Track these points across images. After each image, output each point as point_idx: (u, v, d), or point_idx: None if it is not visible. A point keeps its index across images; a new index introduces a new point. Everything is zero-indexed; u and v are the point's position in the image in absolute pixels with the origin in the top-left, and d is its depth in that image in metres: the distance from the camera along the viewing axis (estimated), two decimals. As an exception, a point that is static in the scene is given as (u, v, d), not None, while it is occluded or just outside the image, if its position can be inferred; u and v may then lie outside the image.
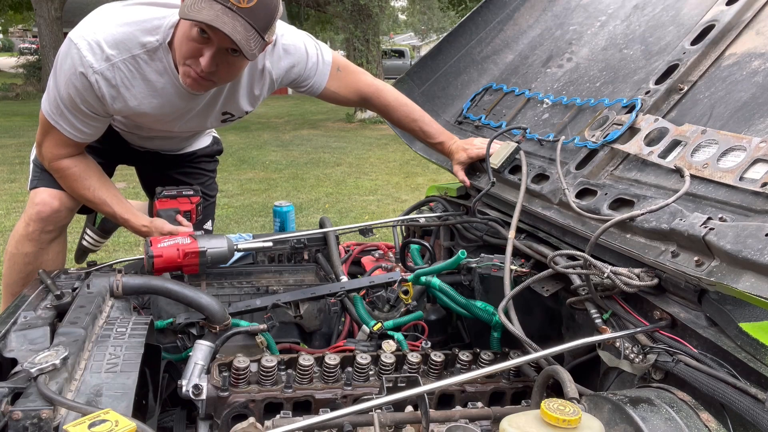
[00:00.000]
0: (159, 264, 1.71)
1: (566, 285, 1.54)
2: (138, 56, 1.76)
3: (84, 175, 1.96)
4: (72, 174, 1.95)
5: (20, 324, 1.37)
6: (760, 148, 1.27)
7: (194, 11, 1.56)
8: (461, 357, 1.54)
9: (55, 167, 1.94)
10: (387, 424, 1.22)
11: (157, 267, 1.72)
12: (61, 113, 1.83)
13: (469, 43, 2.47)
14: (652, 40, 1.88)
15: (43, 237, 2.04)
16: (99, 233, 2.66)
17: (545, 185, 1.72)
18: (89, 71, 1.72)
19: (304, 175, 8.58)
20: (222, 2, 1.56)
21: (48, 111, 1.85)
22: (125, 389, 1.14)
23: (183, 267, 1.75)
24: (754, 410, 0.99)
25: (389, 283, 1.86)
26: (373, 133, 13.02)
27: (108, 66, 1.73)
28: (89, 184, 1.96)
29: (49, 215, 2.02)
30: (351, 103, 2.18)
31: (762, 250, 1.06)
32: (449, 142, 2.13)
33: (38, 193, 2.04)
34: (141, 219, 1.99)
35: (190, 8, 1.57)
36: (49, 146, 1.91)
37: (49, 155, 1.92)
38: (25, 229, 2.04)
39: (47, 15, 17.11)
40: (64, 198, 2.04)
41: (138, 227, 1.99)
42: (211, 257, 1.76)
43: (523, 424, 0.97)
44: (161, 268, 1.73)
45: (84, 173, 1.96)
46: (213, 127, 2.28)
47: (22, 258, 2.07)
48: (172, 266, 1.73)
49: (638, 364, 1.25)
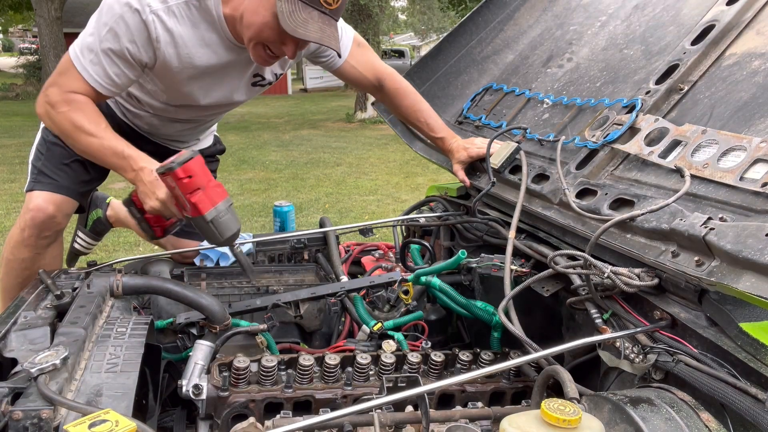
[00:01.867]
0: (184, 180, 1.46)
1: (566, 285, 1.54)
2: (191, 3, 1.74)
3: (88, 109, 1.75)
4: (81, 105, 1.75)
5: (20, 324, 1.37)
6: (760, 148, 1.27)
7: (300, 25, 1.62)
8: (461, 357, 1.54)
9: (62, 101, 1.74)
10: (387, 424, 1.22)
11: (182, 181, 1.47)
12: (95, 57, 1.72)
13: (469, 43, 2.47)
14: (653, 40, 1.88)
15: (39, 242, 2.00)
16: (91, 235, 2.61)
17: (545, 185, 1.72)
18: (146, 10, 1.67)
19: (304, 175, 8.59)
20: (317, 7, 1.63)
21: (77, 54, 1.73)
22: (125, 389, 1.14)
23: (201, 196, 1.48)
24: (755, 410, 0.99)
25: (389, 283, 1.86)
26: (373, 133, 13.02)
27: (164, 8, 1.70)
28: (97, 118, 1.76)
29: (43, 221, 1.97)
30: (366, 82, 2.14)
31: (762, 250, 1.05)
32: (450, 139, 2.14)
33: (33, 197, 1.99)
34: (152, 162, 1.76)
35: (293, 21, 1.61)
36: (64, 86, 1.75)
37: (61, 94, 1.75)
38: (20, 234, 2.00)
39: (47, 15, 17.10)
40: (60, 202, 1.99)
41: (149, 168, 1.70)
42: (219, 218, 1.53)
43: (523, 424, 0.97)
44: (185, 184, 1.47)
45: (87, 106, 1.75)
46: (242, 98, 2.12)
47: (19, 263, 2.04)
48: (193, 188, 1.48)
49: (638, 364, 1.25)
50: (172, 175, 1.44)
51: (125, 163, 1.70)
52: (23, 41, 43.94)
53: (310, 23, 1.63)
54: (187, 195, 1.45)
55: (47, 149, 2.06)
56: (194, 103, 2.01)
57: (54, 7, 17.18)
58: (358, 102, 15.25)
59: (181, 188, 1.44)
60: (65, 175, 2.03)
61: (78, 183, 2.06)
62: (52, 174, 2.02)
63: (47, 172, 2.02)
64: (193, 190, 1.45)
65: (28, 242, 2.00)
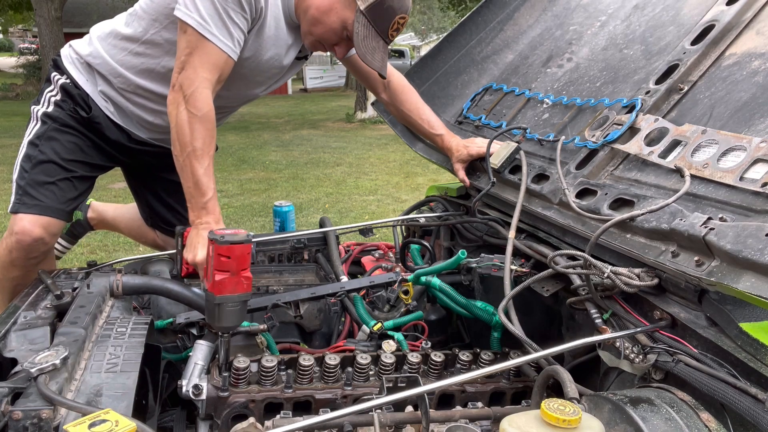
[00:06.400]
0: (221, 258, 1.44)
1: (566, 285, 1.54)
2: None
3: (211, 135, 1.69)
4: (209, 119, 1.68)
5: (20, 324, 1.37)
6: (760, 148, 1.27)
7: (369, 53, 1.80)
8: (461, 357, 1.54)
9: (199, 97, 1.66)
10: (387, 424, 1.22)
11: (219, 256, 1.44)
12: (219, 17, 1.65)
13: (469, 43, 2.47)
14: (652, 40, 1.88)
15: (28, 262, 1.95)
16: (67, 239, 2.57)
17: (545, 185, 1.72)
18: None
19: (304, 175, 8.58)
20: (384, 37, 1.80)
21: (200, 20, 1.64)
22: (125, 389, 1.14)
23: (225, 279, 1.46)
24: (754, 410, 0.99)
25: (389, 283, 1.86)
26: (373, 133, 13.02)
27: None
28: (210, 147, 1.69)
29: (30, 244, 1.91)
30: (374, 75, 2.11)
31: (762, 250, 1.05)
32: (449, 136, 2.15)
33: (18, 220, 1.91)
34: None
35: (365, 46, 1.78)
36: (199, 66, 1.66)
37: (197, 79, 1.66)
38: (8, 255, 1.94)
39: (47, 15, 17.09)
40: (47, 224, 1.92)
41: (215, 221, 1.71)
42: (227, 307, 1.50)
43: (523, 424, 0.97)
44: (219, 260, 1.45)
45: (212, 130, 1.70)
46: (286, 72, 2.08)
47: (10, 282, 2.00)
48: (223, 268, 1.46)
49: (638, 364, 1.25)
50: (214, 246, 1.44)
51: (200, 206, 1.68)
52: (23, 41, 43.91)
53: (377, 52, 1.81)
54: (215, 270, 1.45)
55: (32, 166, 1.96)
56: (251, 79, 1.98)
57: (54, 7, 17.18)
58: (358, 102, 15.25)
59: (214, 261, 1.45)
60: (52, 195, 1.96)
61: (65, 202, 1.99)
62: (37, 195, 1.94)
63: (32, 193, 1.94)
64: (222, 270, 1.45)
65: (17, 263, 1.95)
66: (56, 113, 2.01)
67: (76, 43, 2.09)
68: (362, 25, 1.76)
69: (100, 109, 2.03)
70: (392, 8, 1.77)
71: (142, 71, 1.97)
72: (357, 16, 1.75)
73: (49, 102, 2.03)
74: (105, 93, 2.02)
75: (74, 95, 2.01)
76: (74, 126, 2.02)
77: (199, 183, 1.67)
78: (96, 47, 2.01)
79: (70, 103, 2.02)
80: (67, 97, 2.02)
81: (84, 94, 2.02)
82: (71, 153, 2.01)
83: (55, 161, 1.98)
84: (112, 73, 1.99)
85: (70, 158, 2.01)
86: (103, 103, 2.03)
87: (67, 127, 2.02)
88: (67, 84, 2.02)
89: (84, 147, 2.05)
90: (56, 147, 1.99)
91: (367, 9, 1.75)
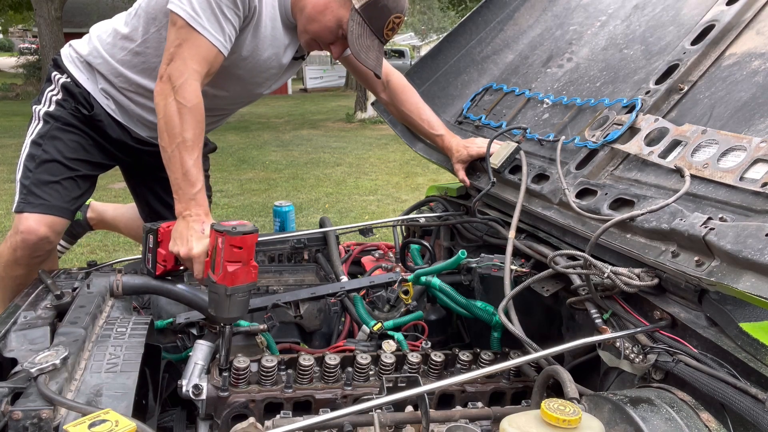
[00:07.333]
0: (234, 249, 1.44)
1: (566, 285, 1.54)
2: None
3: (200, 127, 1.68)
4: (199, 111, 1.66)
5: (20, 324, 1.37)
6: (760, 148, 1.27)
7: (363, 51, 1.81)
8: (461, 357, 1.54)
9: (188, 89, 1.65)
10: (387, 424, 1.22)
11: (232, 248, 1.44)
12: (211, 11, 1.65)
13: (469, 43, 2.47)
14: (652, 40, 1.88)
15: (32, 261, 1.95)
16: (66, 239, 2.56)
17: (545, 185, 1.72)
18: None
19: (304, 175, 8.58)
20: (379, 36, 1.82)
21: (192, 13, 1.64)
22: (125, 389, 1.14)
23: (238, 269, 1.47)
24: (754, 410, 0.99)
25: (389, 283, 1.86)
26: (373, 133, 13.02)
27: None
28: (200, 139, 1.68)
29: (35, 243, 1.91)
30: (371, 75, 2.09)
31: (762, 250, 1.05)
32: (449, 136, 2.15)
33: (23, 219, 1.91)
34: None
35: (359, 45, 1.79)
36: (189, 58, 1.66)
37: (186, 70, 1.65)
38: (12, 254, 1.94)
39: (47, 15, 17.09)
40: (52, 223, 1.92)
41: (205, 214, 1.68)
42: (237, 297, 1.51)
43: (523, 424, 0.97)
44: (232, 252, 1.45)
45: (201, 122, 1.68)
46: (284, 72, 2.08)
47: (13, 280, 2.00)
48: (236, 259, 1.46)
49: (638, 364, 1.25)
50: (226, 238, 1.43)
51: (189, 197, 1.64)
52: (23, 41, 43.91)
53: (371, 51, 1.82)
54: (226, 262, 1.44)
55: (36, 166, 1.97)
56: (249, 81, 1.98)
57: (54, 7, 17.18)
58: (358, 102, 15.25)
59: (225, 253, 1.43)
60: (57, 194, 1.96)
61: (69, 201, 1.99)
62: (42, 194, 1.94)
63: (37, 192, 1.94)
64: (234, 260, 1.44)
65: (21, 261, 1.95)
66: (58, 112, 2.01)
67: (76, 43, 2.10)
68: (357, 23, 1.77)
69: (101, 107, 2.03)
70: (387, 7, 1.78)
71: (142, 70, 1.97)
72: (352, 15, 1.76)
73: (50, 101, 2.03)
74: (106, 91, 2.02)
75: (75, 94, 2.02)
76: (76, 125, 2.03)
77: (189, 174, 1.64)
78: (96, 47, 2.01)
79: (71, 101, 2.02)
80: (68, 95, 2.02)
81: (85, 93, 2.02)
82: (74, 152, 2.02)
83: (58, 160, 1.98)
84: (112, 72, 1.99)
85: (73, 157, 2.01)
86: (105, 101, 2.03)
87: (69, 126, 2.02)
88: (68, 83, 2.02)
89: (86, 146, 2.05)
90: (59, 146, 1.99)
91: (362, 7, 1.76)
